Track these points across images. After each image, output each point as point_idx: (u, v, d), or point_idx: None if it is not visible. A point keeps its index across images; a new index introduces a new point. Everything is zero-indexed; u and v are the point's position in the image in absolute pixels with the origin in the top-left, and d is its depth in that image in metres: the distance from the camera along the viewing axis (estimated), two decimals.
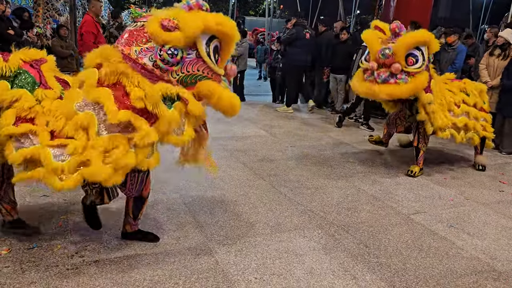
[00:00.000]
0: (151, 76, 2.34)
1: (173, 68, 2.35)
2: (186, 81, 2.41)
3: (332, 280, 2.69)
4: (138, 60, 2.32)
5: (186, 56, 2.36)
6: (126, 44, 2.37)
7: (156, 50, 2.30)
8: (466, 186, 4.63)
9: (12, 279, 2.47)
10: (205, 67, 2.42)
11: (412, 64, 4.16)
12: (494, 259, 3.09)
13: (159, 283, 2.53)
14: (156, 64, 2.32)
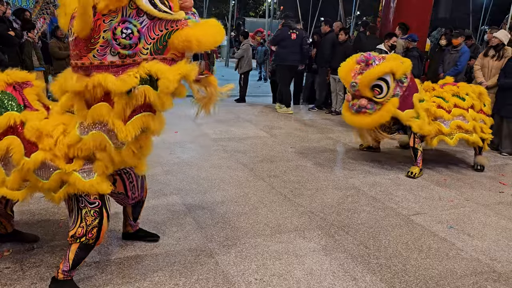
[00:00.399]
0: (124, 69, 2.08)
1: (138, 47, 2.05)
2: (158, 48, 2.10)
3: (332, 281, 2.69)
4: (104, 63, 2.06)
5: (140, 27, 2.04)
6: (77, 58, 2.10)
7: (111, 41, 2.02)
8: (466, 187, 4.63)
9: (13, 280, 2.47)
10: (164, 22, 2.07)
11: (378, 94, 4.55)
12: (494, 260, 3.09)
13: (159, 284, 2.53)
14: (121, 54, 2.05)
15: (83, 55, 2.07)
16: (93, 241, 2.33)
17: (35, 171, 2.23)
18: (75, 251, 2.33)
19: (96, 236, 2.33)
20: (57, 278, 2.38)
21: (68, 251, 2.34)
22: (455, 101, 4.98)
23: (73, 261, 2.34)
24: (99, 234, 2.33)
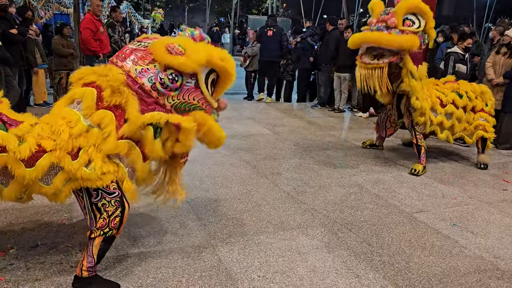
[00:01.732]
0: (147, 97, 2.32)
1: (170, 93, 2.34)
2: (180, 108, 2.41)
3: (335, 278, 2.69)
4: (137, 80, 2.29)
5: (185, 84, 2.37)
6: (127, 61, 2.34)
7: (158, 72, 2.29)
8: (469, 185, 4.62)
9: (17, 276, 2.49)
10: (201, 97, 2.45)
11: (409, 26, 4.40)
12: (497, 258, 3.09)
13: (162, 281, 2.54)
14: (154, 86, 2.31)
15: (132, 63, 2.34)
16: (116, 231, 2.37)
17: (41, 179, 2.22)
18: (99, 244, 2.35)
19: (119, 225, 2.37)
20: (81, 276, 2.36)
21: (91, 247, 2.33)
22: (453, 97, 5.00)
23: (98, 255, 2.36)
24: (121, 223, 2.37)
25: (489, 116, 5.21)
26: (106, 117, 2.25)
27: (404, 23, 4.38)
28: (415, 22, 4.41)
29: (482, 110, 5.17)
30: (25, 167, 2.14)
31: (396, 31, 4.33)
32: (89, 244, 2.35)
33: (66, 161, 2.20)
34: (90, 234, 2.34)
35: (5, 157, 2.11)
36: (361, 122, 7.61)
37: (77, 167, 2.20)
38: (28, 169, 2.14)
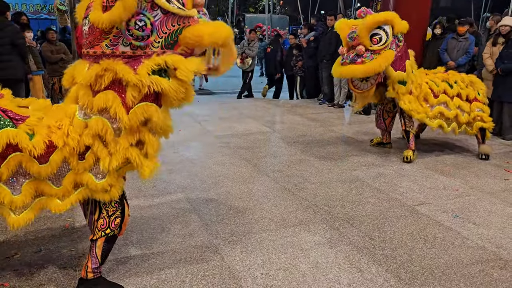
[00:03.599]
0: (135, 60, 2.11)
1: (150, 40, 2.09)
2: (169, 43, 2.13)
3: (338, 273, 2.70)
4: (115, 52, 2.09)
5: (153, 20, 2.08)
6: (89, 46, 2.14)
7: (124, 32, 2.05)
8: (470, 176, 4.61)
9: (21, 282, 2.50)
10: (177, 18, 2.11)
11: (376, 43, 4.43)
12: (500, 248, 3.09)
13: (166, 282, 2.55)
14: (133, 45, 2.08)
15: (95, 44, 2.11)
16: (117, 231, 2.37)
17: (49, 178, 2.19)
18: (102, 245, 2.36)
19: (120, 225, 2.37)
20: (85, 278, 2.38)
21: (94, 248, 2.35)
22: (445, 86, 4.98)
23: (102, 255, 2.37)
24: (121, 223, 2.37)
25: (483, 106, 5.18)
26: (107, 96, 2.10)
27: (372, 41, 4.42)
28: (382, 36, 4.43)
29: (475, 99, 5.13)
30: (39, 164, 2.10)
31: (368, 54, 4.41)
32: (92, 245, 2.36)
33: (74, 159, 2.17)
34: (93, 236, 2.35)
35: (19, 156, 2.07)
36: (361, 117, 7.60)
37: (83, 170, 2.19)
38: (42, 165, 2.10)
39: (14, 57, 5.62)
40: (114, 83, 2.11)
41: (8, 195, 2.10)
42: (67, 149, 2.14)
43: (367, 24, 4.41)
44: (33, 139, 2.09)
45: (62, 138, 2.15)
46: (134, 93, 2.09)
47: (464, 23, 7.10)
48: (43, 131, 2.13)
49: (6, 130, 2.05)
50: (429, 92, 4.90)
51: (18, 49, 5.66)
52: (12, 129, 2.07)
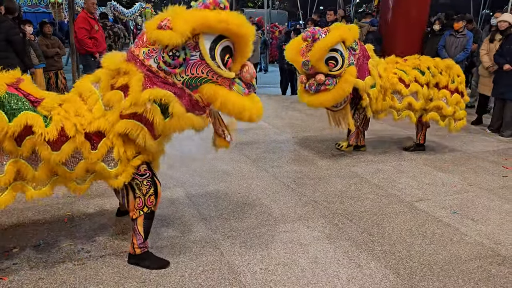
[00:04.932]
0: (156, 78, 2.25)
1: (175, 71, 2.24)
2: (191, 84, 2.28)
3: (336, 268, 2.71)
4: (145, 62, 2.25)
5: (189, 57, 2.23)
6: (136, 45, 2.33)
7: (160, 51, 2.21)
8: (469, 172, 4.63)
9: (20, 276, 2.50)
10: (210, 69, 2.27)
11: (334, 67, 4.21)
12: (498, 244, 3.10)
13: (165, 276, 2.55)
14: (159, 66, 2.23)
15: (139, 46, 2.30)
16: (154, 207, 2.58)
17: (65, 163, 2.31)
18: (142, 223, 2.56)
19: (155, 203, 2.57)
20: (134, 254, 2.62)
21: (136, 226, 2.56)
22: (415, 74, 4.76)
23: (144, 231, 2.58)
24: (156, 200, 2.58)
25: (452, 95, 4.87)
26: (115, 96, 2.27)
27: (329, 65, 4.18)
28: (337, 58, 4.18)
29: (446, 87, 4.86)
30: (51, 150, 2.23)
31: (330, 81, 4.22)
32: (133, 224, 2.57)
33: (86, 148, 2.29)
34: (132, 216, 2.55)
35: (33, 139, 2.19)
36: None
37: (95, 159, 2.32)
38: (54, 152, 2.23)
39: (10, 53, 5.57)
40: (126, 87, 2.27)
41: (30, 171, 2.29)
42: (79, 139, 2.27)
43: (317, 52, 4.10)
44: (48, 126, 2.22)
45: (74, 127, 2.27)
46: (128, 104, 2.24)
47: (459, 19, 7.09)
48: (58, 117, 2.26)
49: (25, 113, 2.18)
50: (399, 85, 4.71)
51: (13, 45, 5.59)
52: (31, 113, 2.20)
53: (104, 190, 3.77)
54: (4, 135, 2.14)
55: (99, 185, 3.89)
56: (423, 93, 4.78)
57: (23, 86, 2.32)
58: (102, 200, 3.58)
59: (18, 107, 2.19)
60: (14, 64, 5.62)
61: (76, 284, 2.45)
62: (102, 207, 3.46)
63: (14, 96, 2.21)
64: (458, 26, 7.02)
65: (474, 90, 7.91)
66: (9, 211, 3.31)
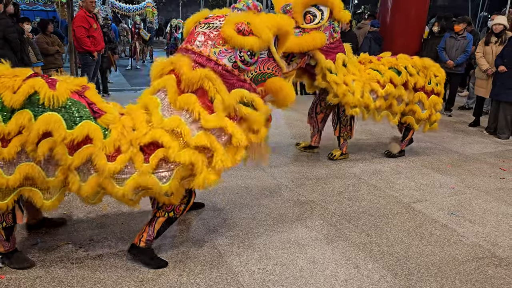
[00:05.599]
0: (231, 76, 2.42)
1: (250, 68, 2.45)
2: (257, 79, 2.51)
3: (334, 269, 2.71)
4: (219, 61, 2.38)
5: (259, 56, 2.46)
6: (203, 46, 2.42)
7: (236, 51, 2.38)
8: (466, 174, 4.64)
9: (18, 274, 2.49)
10: (275, 65, 2.56)
11: (309, 22, 4.06)
12: (495, 246, 3.11)
13: (163, 275, 2.55)
14: (235, 64, 2.40)
15: (207, 46, 2.41)
16: (178, 215, 2.61)
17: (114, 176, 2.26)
18: (162, 223, 2.59)
19: (182, 211, 2.62)
20: (137, 245, 2.62)
21: (154, 223, 2.58)
22: (391, 75, 4.47)
23: (158, 232, 2.61)
24: (184, 210, 2.62)
25: (429, 97, 4.66)
26: (190, 99, 2.32)
27: (305, 19, 4.05)
28: (316, 15, 4.04)
29: (422, 89, 4.62)
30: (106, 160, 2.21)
31: (296, 31, 3.98)
32: (152, 220, 2.59)
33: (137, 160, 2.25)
34: (156, 213, 2.57)
35: (91, 148, 2.19)
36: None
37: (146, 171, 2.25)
38: (109, 163, 2.21)
39: (7, 51, 5.54)
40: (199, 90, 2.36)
41: (76, 183, 2.24)
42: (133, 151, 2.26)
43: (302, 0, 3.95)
44: (107, 139, 2.23)
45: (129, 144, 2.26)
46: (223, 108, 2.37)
47: (460, 22, 7.12)
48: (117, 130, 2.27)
49: (88, 123, 2.20)
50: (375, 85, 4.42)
51: (9, 43, 5.56)
52: (91, 123, 2.21)
53: None
54: (61, 141, 2.13)
55: None
56: (399, 94, 4.52)
57: (88, 94, 2.35)
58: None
59: (80, 115, 2.21)
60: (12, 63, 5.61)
61: (73, 283, 2.44)
62: (100, 206, 3.45)
63: (77, 103, 2.24)
64: (458, 28, 7.04)
65: (472, 92, 7.95)
66: None
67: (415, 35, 7.89)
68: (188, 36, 2.56)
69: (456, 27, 7.08)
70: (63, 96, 2.19)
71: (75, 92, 2.28)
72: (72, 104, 2.21)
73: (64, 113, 2.17)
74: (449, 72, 7.28)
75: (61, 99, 2.17)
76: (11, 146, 2.10)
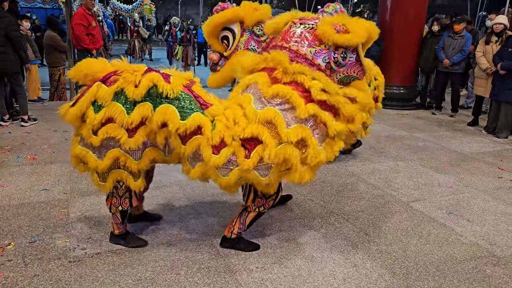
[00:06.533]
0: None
1: (340, 70, 2.50)
2: (343, 81, 2.57)
3: (332, 268, 2.71)
4: (314, 61, 2.44)
5: (349, 59, 2.51)
6: (300, 45, 2.48)
7: (331, 52, 2.43)
8: (465, 173, 4.65)
9: (15, 272, 2.49)
10: (360, 69, 2.59)
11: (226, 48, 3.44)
12: (493, 245, 3.11)
13: (161, 274, 2.55)
14: (328, 65, 2.46)
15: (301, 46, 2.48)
16: (267, 209, 2.76)
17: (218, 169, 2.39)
18: (252, 218, 2.76)
19: (271, 206, 2.75)
20: (229, 237, 2.82)
21: (245, 217, 2.76)
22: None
23: (248, 225, 2.79)
24: (273, 204, 2.76)
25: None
26: (284, 89, 2.37)
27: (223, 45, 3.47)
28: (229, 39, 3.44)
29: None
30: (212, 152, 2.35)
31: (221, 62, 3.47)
32: (243, 213, 2.76)
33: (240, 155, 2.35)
34: (247, 207, 2.73)
35: (200, 138, 2.35)
36: None
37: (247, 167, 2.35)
38: (213, 155, 2.34)
39: (8, 49, 5.52)
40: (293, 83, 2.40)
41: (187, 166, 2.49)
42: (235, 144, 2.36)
43: (207, 29, 3.40)
44: (213, 131, 2.35)
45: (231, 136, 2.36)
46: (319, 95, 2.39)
47: (459, 21, 7.12)
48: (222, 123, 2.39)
49: (198, 115, 2.36)
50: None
51: (11, 41, 5.54)
52: (201, 115, 2.37)
53: None
54: (175, 131, 2.32)
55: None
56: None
57: (195, 88, 2.49)
58: (98, 197, 3.57)
59: (191, 107, 2.38)
60: (13, 60, 5.59)
61: (71, 281, 2.43)
62: (98, 204, 3.44)
63: (188, 96, 2.41)
64: (458, 28, 7.04)
65: (470, 91, 7.95)
66: (4, 207, 3.30)
67: (415, 34, 7.89)
68: (282, 34, 2.58)
69: (455, 27, 7.08)
70: (178, 89, 2.38)
71: (185, 87, 2.44)
72: (184, 96, 2.39)
73: (177, 105, 2.35)
74: (447, 72, 7.29)
75: (175, 92, 2.36)
76: (137, 136, 2.37)
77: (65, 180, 3.90)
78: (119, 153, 2.40)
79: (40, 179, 3.91)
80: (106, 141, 2.38)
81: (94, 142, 2.38)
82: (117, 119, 2.33)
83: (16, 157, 4.47)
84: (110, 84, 2.38)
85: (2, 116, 5.77)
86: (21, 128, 5.63)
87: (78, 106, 2.38)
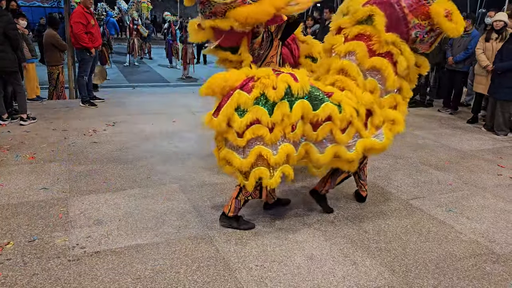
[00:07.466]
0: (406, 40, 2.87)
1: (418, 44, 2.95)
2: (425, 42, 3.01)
3: (332, 265, 2.71)
4: (410, 30, 2.82)
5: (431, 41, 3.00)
6: (410, 12, 2.82)
7: (425, 30, 2.82)
8: (464, 171, 4.64)
9: (15, 271, 2.48)
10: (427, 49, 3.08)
11: None
12: (492, 242, 3.11)
13: (160, 272, 2.55)
14: (415, 38, 2.86)
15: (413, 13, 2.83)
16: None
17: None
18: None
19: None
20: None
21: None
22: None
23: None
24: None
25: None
26: (383, 62, 2.82)
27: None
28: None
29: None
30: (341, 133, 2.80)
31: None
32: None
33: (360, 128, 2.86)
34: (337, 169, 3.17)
35: (330, 124, 2.75)
36: None
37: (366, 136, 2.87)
38: (343, 135, 2.79)
39: (7, 47, 5.50)
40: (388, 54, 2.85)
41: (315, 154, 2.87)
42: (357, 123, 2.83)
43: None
44: (341, 113, 2.76)
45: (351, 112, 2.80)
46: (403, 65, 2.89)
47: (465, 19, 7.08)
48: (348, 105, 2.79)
49: (328, 104, 2.74)
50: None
51: (10, 40, 5.52)
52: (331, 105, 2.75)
53: (99, 186, 3.76)
54: (309, 121, 2.71)
55: (94, 181, 3.88)
56: None
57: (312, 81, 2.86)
58: (97, 196, 3.56)
59: (320, 98, 2.75)
60: (12, 59, 5.57)
61: (70, 280, 2.43)
62: (97, 203, 3.44)
63: (315, 88, 2.79)
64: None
65: (470, 89, 7.93)
66: (3, 206, 3.29)
67: None
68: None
69: None
70: (307, 85, 2.72)
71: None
72: (312, 90, 2.75)
73: (308, 98, 2.72)
74: (451, 70, 7.27)
75: (306, 88, 2.71)
76: (276, 132, 2.66)
77: (64, 179, 3.90)
78: (261, 148, 2.69)
79: (39, 178, 3.91)
80: (251, 141, 2.68)
81: (240, 143, 2.68)
82: (263, 120, 2.63)
83: (15, 156, 4.46)
84: (248, 89, 2.65)
85: (1, 115, 5.76)
86: (20, 127, 5.63)
87: (223, 114, 2.64)
